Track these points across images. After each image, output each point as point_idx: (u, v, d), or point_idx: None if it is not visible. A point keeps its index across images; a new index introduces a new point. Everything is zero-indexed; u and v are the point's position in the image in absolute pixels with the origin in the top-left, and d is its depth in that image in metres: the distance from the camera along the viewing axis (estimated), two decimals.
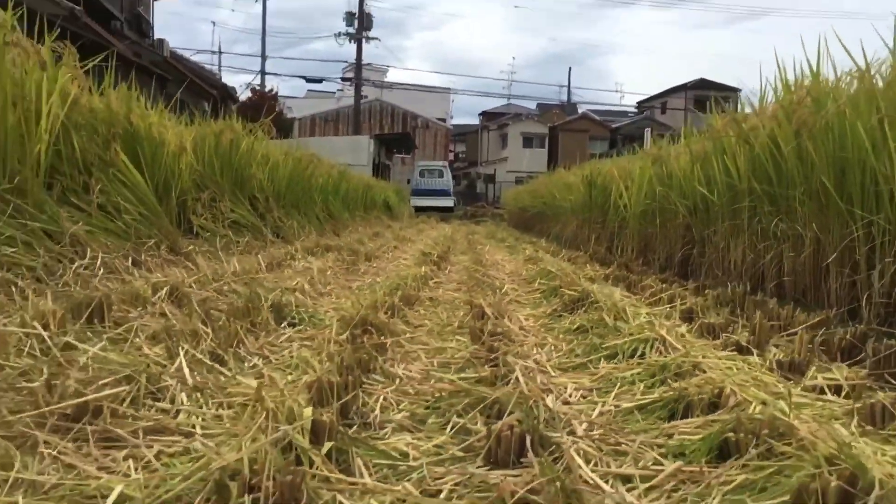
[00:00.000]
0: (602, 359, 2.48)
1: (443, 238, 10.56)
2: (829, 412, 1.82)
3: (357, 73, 39.85)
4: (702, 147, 5.95)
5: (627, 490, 1.39)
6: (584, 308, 3.43)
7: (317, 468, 1.35)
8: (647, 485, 1.43)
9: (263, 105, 33.82)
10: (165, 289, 3.12)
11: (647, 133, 25.31)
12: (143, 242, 4.67)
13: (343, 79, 49.65)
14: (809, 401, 1.93)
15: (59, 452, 1.38)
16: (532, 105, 60.75)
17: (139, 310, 2.77)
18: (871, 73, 3.61)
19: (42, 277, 3.30)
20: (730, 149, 5.20)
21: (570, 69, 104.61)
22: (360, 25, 39.51)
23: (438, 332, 3.02)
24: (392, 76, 56.64)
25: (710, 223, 5.73)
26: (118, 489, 1.24)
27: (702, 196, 5.81)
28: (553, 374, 2.31)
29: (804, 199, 4.15)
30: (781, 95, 4.43)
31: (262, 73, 42.29)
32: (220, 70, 41.51)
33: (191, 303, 2.85)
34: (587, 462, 1.50)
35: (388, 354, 2.48)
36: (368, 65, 44.93)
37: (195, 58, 32.92)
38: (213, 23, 67.44)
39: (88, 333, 2.35)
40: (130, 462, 1.41)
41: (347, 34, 40.11)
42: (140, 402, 1.73)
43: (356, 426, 1.73)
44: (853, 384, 2.06)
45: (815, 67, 4.28)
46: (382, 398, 1.98)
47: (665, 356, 2.29)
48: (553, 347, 2.76)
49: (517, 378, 1.99)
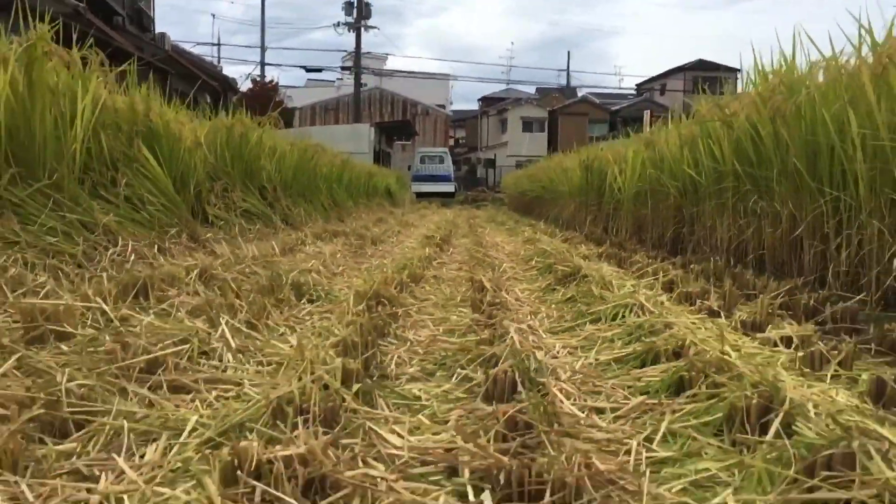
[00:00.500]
0: (587, 322, 2.82)
1: (444, 222, 10.89)
2: (775, 359, 2.16)
3: (356, 62, 39.95)
4: (690, 131, 6.26)
5: (599, 417, 1.73)
6: (576, 282, 3.76)
7: (348, 403, 1.68)
8: (615, 414, 1.77)
9: (264, 96, 34.09)
10: (195, 271, 3.46)
11: (646, 115, 25.48)
12: (166, 231, 5.01)
13: (343, 68, 49.79)
14: (760, 350, 2.26)
15: (142, 395, 1.72)
16: (531, 89, 60.80)
17: (176, 289, 3.10)
18: (839, 64, 3.92)
19: (83, 263, 3.64)
20: (714, 133, 5.51)
21: (570, 53, 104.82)
22: (359, 15, 39.57)
23: (443, 305, 3.35)
24: (391, 64, 56.66)
25: (698, 203, 6.05)
26: (194, 418, 1.58)
27: (690, 178, 6.12)
28: (543, 336, 2.65)
29: (780, 179, 4.47)
30: (758, 83, 4.73)
31: (262, 64, 42.49)
32: (220, 62, 41.71)
33: (223, 282, 3.19)
34: (567, 398, 1.84)
35: (400, 323, 2.82)
36: (368, 53, 45.06)
37: (195, 50, 33.11)
38: (213, 15, 67.94)
39: (137, 309, 2.69)
40: (197, 402, 1.75)
41: (346, 24, 40.18)
42: (195, 360, 2.07)
43: (376, 377, 2.06)
44: (802, 338, 2.40)
45: (791, 56, 4.61)
46: (397, 356, 2.31)
47: (642, 318, 2.62)
48: (545, 315, 3.09)
49: (512, 338, 2.32)
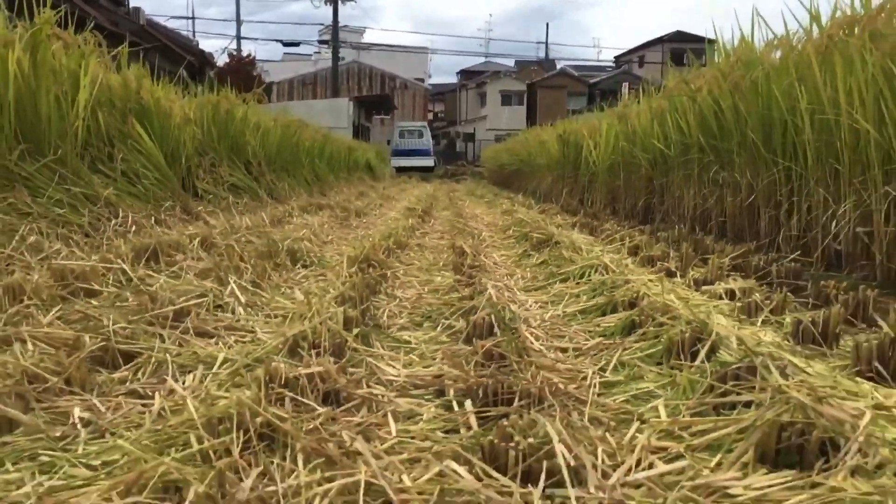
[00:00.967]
0: (557, 281, 3.14)
1: (425, 196, 11.17)
2: (715, 306, 2.49)
3: (334, 36, 39.70)
4: (659, 105, 6.57)
5: (562, 352, 2.05)
6: (549, 248, 4.08)
7: (350, 343, 1.99)
8: (577, 351, 2.10)
9: (242, 70, 33.91)
10: (197, 239, 3.74)
11: (625, 87, 25.73)
12: (160, 204, 5.26)
13: (320, 41, 49.51)
14: (704, 301, 2.60)
15: (175, 337, 2.02)
16: (510, 62, 60.73)
17: (182, 255, 3.38)
18: (790, 43, 4.23)
19: (90, 233, 3.90)
20: (681, 107, 5.82)
21: (548, 25, 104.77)
22: None
23: (427, 268, 3.66)
24: (369, 37, 56.32)
25: (667, 174, 6.39)
26: (221, 355, 1.88)
27: (660, 150, 6.45)
28: (518, 293, 2.97)
29: (740, 151, 4.80)
30: (720, 59, 5.05)
31: (238, 38, 42.11)
32: (195, 35, 41.28)
33: (224, 248, 3.47)
34: (536, 340, 2.15)
35: (389, 283, 3.12)
36: (345, 27, 44.85)
37: (168, 24, 32.75)
38: None
39: (151, 270, 2.97)
40: (220, 344, 2.05)
41: None
42: (212, 312, 2.36)
43: (372, 325, 2.37)
44: (744, 291, 2.73)
45: (750, 34, 4.93)
46: (388, 310, 2.62)
47: (605, 277, 2.94)
48: (520, 276, 3.42)
49: (490, 293, 2.63)
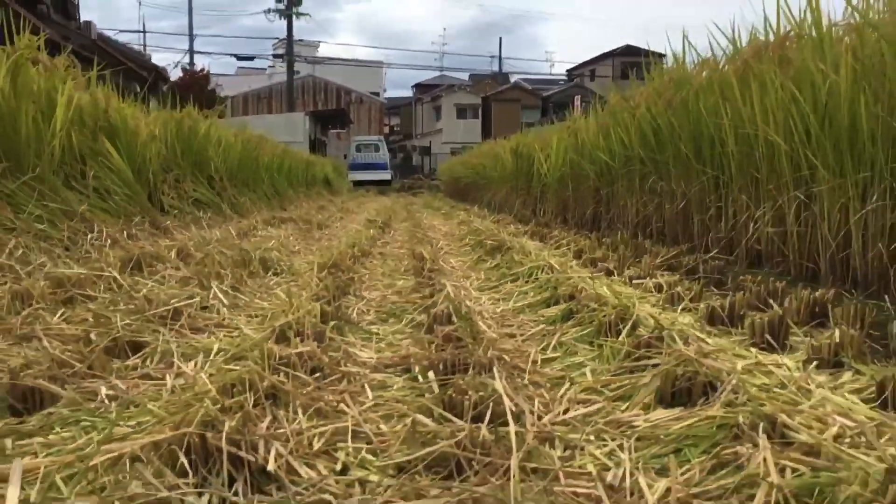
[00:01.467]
0: (508, 281, 3.49)
1: (383, 209, 11.48)
2: (644, 298, 2.86)
3: (289, 50, 39.84)
4: (605, 120, 7.00)
5: (510, 338, 2.39)
6: (501, 253, 4.43)
7: (327, 333, 2.30)
8: (523, 336, 2.44)
9: (196, 85, 33.79)
10: (173, 250, 4.00)
11: (577, 100, 26.40)
12: (131, 219, 5.47)
13: (274, 55, 49.53)
14: (635, 293, 2.97)
15: (173, 332, 2.30)
16: (465, 76, 61.40)
17: (163, 264, 3.64)
18: (715, 64, 4.68)
19: (69, 246, 4.12)
20: (623, 122, 6.25)
21: (501, 39, 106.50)
22: (290, 1, 39.47)
23: (389, 274, 3.98)
24: (323, 51, 56.48)
25: (612, 184, 6.81)
26: (216, 345, 2.17)
27: (605, 162, 6.87)
28: (473, 292, 3.31)
29: (674, 163, 5.23)
30: (656, 78, 5.49)
31: (191, 52, 41.90)
32: (146, 49, 40.98)
33: (201, 258, 3.74)
34: (489, 327, 2.49)
35: (355, 286, 3.43)
36: (300, 40, 44.93)
37: (119, 38, 32.49)
38: (140, 2, 65.95)
39: (137, 278, 3.23)
40: (212, 338, 2.34)
41: (277, 10, 39.99)
42: (200, 313, 2.65)
43: (344, 320, 2.68)
44: (669, 285, 3.12)
45: (682, 55, 5.38)
46: (357, 308, 2.93)
47: (550, 276, 3.30)
48: (475, 278, 3.76)
49: (447, 291, 2.96)
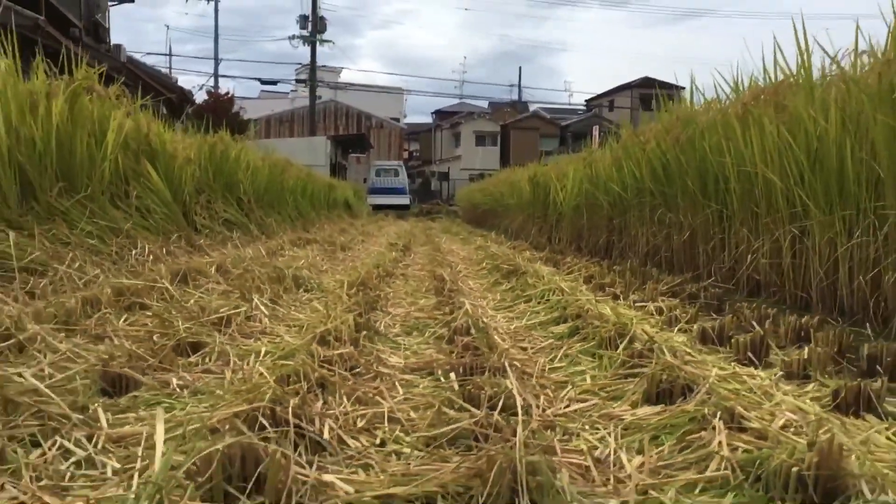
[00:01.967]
0: (522, 302, 3.79)
1: (403, 233, 11.82)
2: (645, 319, 3.15)
3: (311, 76, 40.61)
4: (618, 153, 7.32)
5: (522, 350, 2.69)
6: (516, 277, 4.73)
7: (361, 340, 2.60)
8: (533, 349, 2.73)
9: (220, 108, 34.56)
10: (214, 266, 4.34)
11: (595, 131, 26.74)
12: (168, 237, 5.84)
13: (297, 80, 50.49)
14: (636, 315, 3.26)
15: (225, 336, 2.62)
16: (484, 104, 62.08)
17: (206, 278, 3.98)
18: (720, 105, 4.99)
19: (117, 261, 4.47)
20: (635, 156, 6.57)
21: (521, 68, 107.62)
22: (314, 28, 40.29)
23: (412, 293, 4.29)
24: (345, 76, 57.41)
25: (624, 215, 7.11)
26: (264, 349, 2.49)
27: (618, 193, 7.18)
28: (489, 311, 3.61)
29: (682, 196, 5.53)
30: (664, 116, 5.81)
31: (216, 76, 42.88)
32: (171, 71, 41.98)
33: (239, 274, 4.08)
34: (503, 341, 2.79)
35: (382, 303, 3.74)
36: (322, 66, 45.77)
37: (146, 59, 33.34)
38: (167, 26, 68.03)
39: (185, 290, 3.56)
40: (260, 342, 2.65)
41: (301, 37, 40.85)
42: (245, 322, 2.97)
43: (374, 332, 2.99)
44: (669, 308, 3.40)
45: (690, 95, 5.70)
46: (384, 322, 3.24)
47: (560, 298, 3.60)
48: (491, 299, 4.06)
49: (466, 307, 3.26)
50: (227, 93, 39.40)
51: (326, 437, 1.54)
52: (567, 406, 1.88)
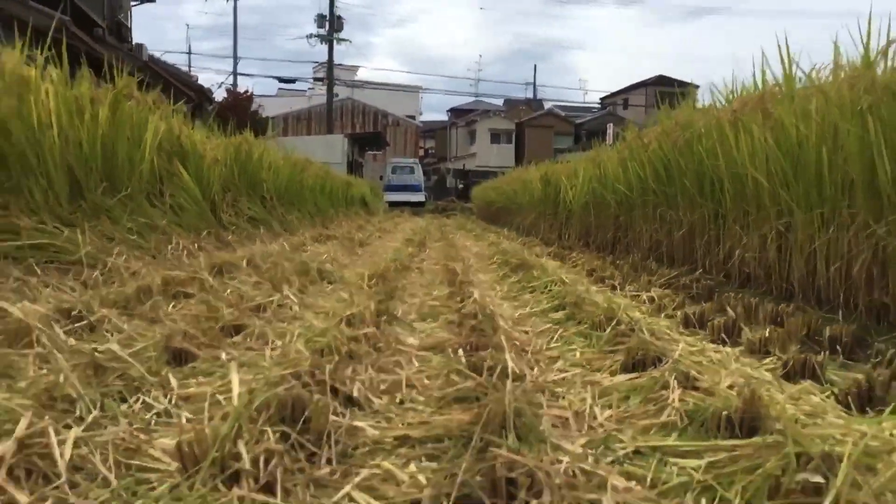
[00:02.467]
0: (527, 293, 4.14)
1: (419, 229, 12.19)
2: (636, 307, 3.49)
3: (329, 74, 41.08)
4: (624, 154, 7.63)
5: (523, 332, 3.04)
6: (524, 270, 5.08)
7: (382, 322, 2.96)
8: (534, 332, 3.09)
9: (239, 106, 35.10)
10: (244, 260, 4.72)
11: (609, 129, 26.94)
12: (199, 233, 6.23)
13: (315, 79, 51.03)
14: (629, 303, 3.60)
15: (263, 320, 2.99)
16: (499, 101, 62.39)
17: (239, 271, 4.36)
18: (715, 110, 5.30)
19: (156, 255, 4.86)
20: (638, 157, 6.88)
21: (536, 67, 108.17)
22: (331, 27, 40.75)
23: (427, 285, 4.65)
24: (362, 75, 57.79)
25: (630, 212, 7.43)
26: (297, 330, 2.85)
27: (623, 192, 7.50)
28: (497, 301, 3.96)
29: (682, 195, 5.84)
30: (664, 120, 6.13)
31: (235, 75, 43.46)
32: (190, 69, 42.61)
33: (269, 267, 4.45)
34: (506, 324, 3.14)
35: (399, 293, 4.10)
36: (339, 64, 46.22)
37: (165, 58, 33.87)
38: (188, 25, 68.94)
39: (222, 280, 3.94)
40: (293, 325, 3.02)
41: (318, 36, 41.33)
42: (277, 309, 3.33)
43: (392, 316, 3.35)
44: (660, 297, 3.74)
45: (691, 101, 6.01)
46: (401, 310, 3.60)
47: (561, 288, 3.94)
48: (499, 290, 4.42)
49: (475, 298, 3.62)
50: (246, 91, 40.02)
51: (356, 395, 1.90)
52: (557, 375, 2.23)
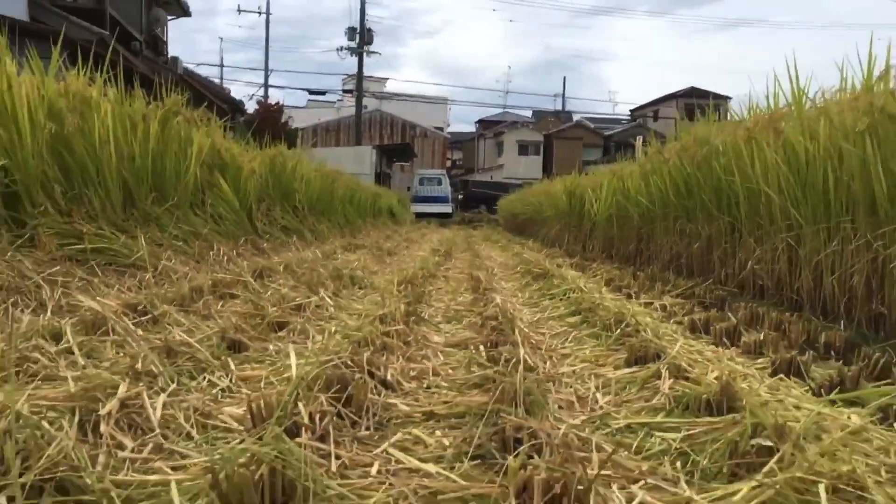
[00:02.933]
0: (546, 299, 4.41)
1: (445, 240, 12.49)
2: (647, 313, 3.74)
3: (358, 86, 41.70)
4: (645, 168, 7.87)
5: (539, 334, 3.31)
6: (545, 279, 5.35)
7: (411, 322, 3.25)
8: (550, 333, 3.35)
9: (270, 118, 35.85)
10: (281, 266, 5.05)
11: (639, 141, 27.00)
12: (237, 240, 6.59)
13: (344, 91, 51.81)
14: (645, 310, 3.85)
15: (304, 319, 3.30)
16: (527, 113, 62.66)
17: (276, 275, 4.68)
18: (732, 128, 5.53)
19: (199, 260, 5.21)
20: (660, 172, 7.12)
21: (565, 78, 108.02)
22: (361, 40, 41.39)
23: (452, 291, 4.94)
24: (390, 86, 58.42)
25: (651, 224, 7.65)
26: (334, 328, 3.15)
27: (646, 205, 7.73)
28: (517, 306, 4.23)
29: (700, 209, 6.07)
30: (683, 137, 6.37)
31: (266, 87, 44.36)
32: (222, 81, 43.58)
33: (308, 271, 4.77)
34: (525, 327, 3.42)
35: (426, 298, 4.39)
36: (368, 77, 46.89)
37: (199, 70, 34.73)
38: (221, 38, 70.27)
39: (263, 283, 4.26)
40: (330, 323, 3.32)
41: (349, 48, 41.99)
42: (315, 310, 3.64)
43: (420, 318, 3.64)
44: (671, 305, 3.98)
45: (709, 117, 6.24)
46: (428, 313, 3.89)
47: (578, 296, 4.21)
48: (520, 297, 4.69)
49: (497, 303, 3.89)
50: (277, 103, 40.83)
51: (389, 379, 2.19)
52: (566, 368, 2.50)
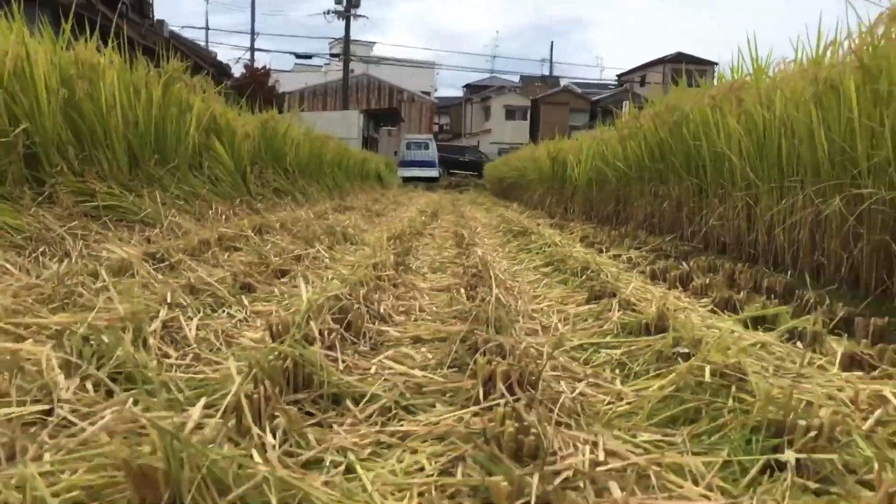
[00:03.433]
0: (523, 253, 4.79)
1: (432, 202, 12.84)
2: (613, 263, 4.14)
3: (346, 50, 41.51)
4: (622, 133, 8.22)
5: (514, 280, 3.70)
6: (524, 236, 5.73)
7: (400, 269, 3.63)
8: (524, 281, 3.74)
9: (256, 81, 35.76)
10: (278, 223, 5.40)
11: (625, 106, 27.31)
12: (233, 201, 6.92)
13: (331, 55, 51.52)
14: (611, 262, 4.24)
15: (302, 267, 3.67)
16: (515, 78, 62.59)
17: (274, 231, 5.04)
18: (700, 96, 5.89)
19: (200, 218, 5.55)
20: (635, 136, 7.48)
21: (552, 43, 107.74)
22: (349, 3, 41.12)
23: (438, 246, 5.31)
24: (378, 51, 58.11)
25: (628, 187, 8.04)
26: (331, 275, 3.52)
27: (623, 169, 8.10)
28: (497, 259, 4.62)
29: (671, 172, 6.45)
30: (656, 104, 6.72)
31: (252, 50, 44.10)
32: (208, 44, 43.25)
33: (302, 228, 5.13)
34: (501, 274, 3.80)
35: (413, 251, 4.77)
36: (355, 40, 46.65)
37: (183, 33, 34.49)
38: (207, 0, 68.80)
39: (263, 238, 4.62)
40: (327, 272, 3.69)
41: (336, 12, 41.73)
42: (313, 260, 4.01)
43: (408, 268, 4.01)
44: (637, 257, 4.38)
45: (681, 84, 6.59)
46: (415, 265, 4.26)
47: (553, 249, 4.59)
48: (500, 251, 5.07)
49: (478, 255, 4.27)
50: (264, 67, 40.64)
51: (382, 311, 2.57)
52: (535, 306, 2.89)
